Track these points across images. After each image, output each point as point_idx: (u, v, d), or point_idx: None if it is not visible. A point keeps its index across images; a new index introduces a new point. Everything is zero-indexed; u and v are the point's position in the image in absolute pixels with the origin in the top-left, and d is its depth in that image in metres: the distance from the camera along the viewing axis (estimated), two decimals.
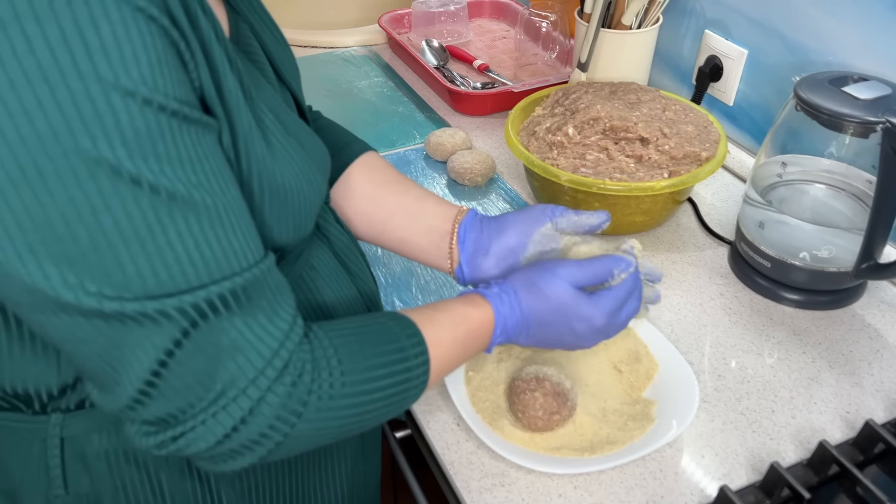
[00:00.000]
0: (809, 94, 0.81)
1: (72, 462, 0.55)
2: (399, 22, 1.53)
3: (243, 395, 0.46)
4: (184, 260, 0.43)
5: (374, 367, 0.54)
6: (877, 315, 0.88)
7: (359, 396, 0.52)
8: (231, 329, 0.46)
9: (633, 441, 0.71)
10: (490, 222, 0.73)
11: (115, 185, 0.40)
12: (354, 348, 0.53)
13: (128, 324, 0.43)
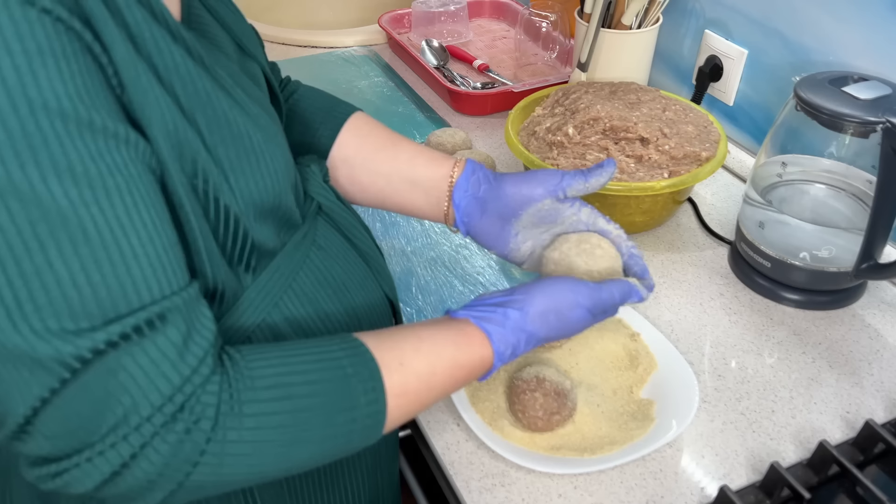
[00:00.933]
0: (809, 94, 0.81)
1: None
2: (399, 22, 1.53)
3: (124, 442, 0.43)
4: (67, 292, 0.40)
5: (303, 419, 0.48)
6: (877, 315, 0.88)
7: (277, 448, 0.48)
8: (120, 371, 0.42)
9: (633, 441, 0.71)
10: (488, 184, 0.71)
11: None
12: (282, 392, 0.48)
13: (4, 363, 0.40)
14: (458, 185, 0.72)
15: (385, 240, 0.99)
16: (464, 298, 0.89)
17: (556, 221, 0.71)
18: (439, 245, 0.98)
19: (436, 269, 0.94)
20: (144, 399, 0.43)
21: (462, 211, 0.72)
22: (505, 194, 0.70)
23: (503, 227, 0.71)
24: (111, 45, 0.42)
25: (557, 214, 0.71)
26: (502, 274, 0.93)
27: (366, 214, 1.03)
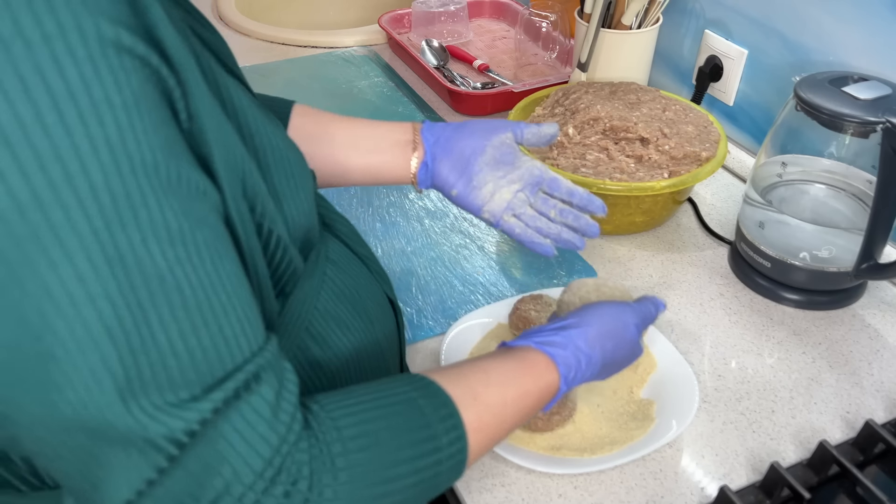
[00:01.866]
0: (809, 94, 0.81)
1: None
2: (399, 22, 1.53)
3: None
4: (168, 362, 0.37)
5: (392, 464, 0.46)
6: (877, 315, 0.88)
7: (370, 499, 0.45)
8: (220, 440, 0.39)
9: (633, 441, 0.71)
10: (450, 126, 0.77)
11: None
12: (369, 441, 0.45)
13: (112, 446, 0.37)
14: (425, 126, 0.77)
15: (385, 240, 0.99)
16: (464, 298, 0.89)
17: (514, 165, 0.75)
18: (439, 245, 0.98)
19: (436, 269, 0.94)
20: (245, 466, 0.40)
21: (430, 145, 0.75)
22: (471, 128, 0.75)
23: (467, 164, 0.74)
24: (184, 74, 0.39)
25: (515, 159, 0.75)
26: (502, 274, 0.93)
27: (366, 215, 1.03)
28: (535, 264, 0.95)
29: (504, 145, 0.75)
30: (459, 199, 0.76)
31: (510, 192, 0.75)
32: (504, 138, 0.75)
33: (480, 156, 0.74)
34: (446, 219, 1.03)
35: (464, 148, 0.74)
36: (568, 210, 0.77)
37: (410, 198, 1.07)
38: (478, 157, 0.74)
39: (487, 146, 0.74)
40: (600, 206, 0.77)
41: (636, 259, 0.96)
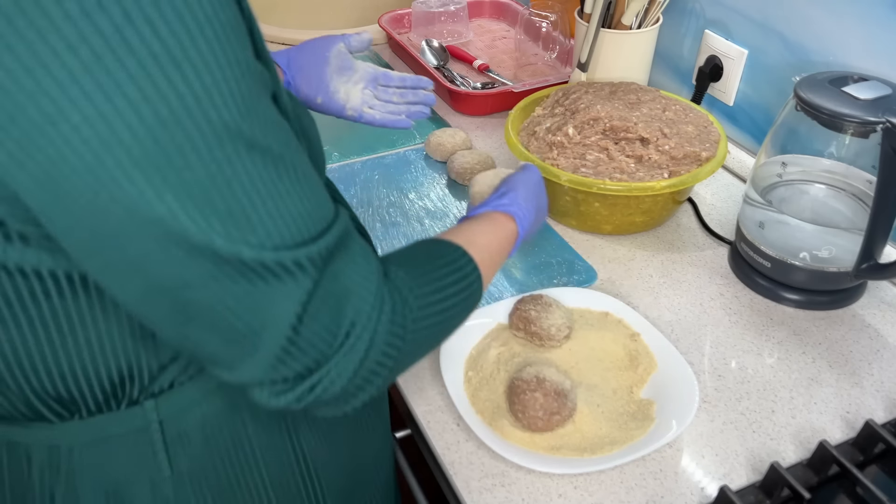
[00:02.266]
0: (809, 94, 0.81)
1: (172, 443, 0.55)
2: (399, 22, 1.53)
3: (364, 333, 0.48)
4: (298, 213, 0.45)
5: (439, 280, 0.57)
6: (877, 315, 0.88)
7: (437, 312, 0.55)
8: (341, 275, 0.47)
9: (633, 441, 0.71)
10: (292, 49, 0.89)
11: (236, 148, 0.41)
12: (420, 271, 0.56)
13: (266, 278, 0.43)
14: (273, 54, 0.83)
15: (385, 240, 0.99)
16: None
17: (353, 69, 0.90)
18: None
19: None
20: (366, 293, 0.48)
21: (286, 68, 0.87)
22: (310, 47, 0.88)
23: (320, 77, 0.87)
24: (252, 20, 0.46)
25: (352, 63, 0.90)
26: (502, 274, 0.93)
27: (366, 215, 1.03)
28: (535, 264, 0.95)
29: (342, 54, 0.88)
30: (324, 106, 0.88)
31: (359, 90, 0.89)
32: (339, 49, 0.88)
33: (327, 67, 0.87)
34: (446, 219, 1.03)
35: (313, 64, 0.87)
36: (405, 91, 0.92)
37: (410, 198, 1.07)
38: (326, 69, 0.87)
39: (330, 57, 0.88)
40: (428, 82, 0.94)
41: (636, 259, 0.96)
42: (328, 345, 0.47)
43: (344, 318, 0.47)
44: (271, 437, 0.60)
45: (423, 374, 0.80)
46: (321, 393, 0.48)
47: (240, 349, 0.45)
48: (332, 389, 0.48)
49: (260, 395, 0.48)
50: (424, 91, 0.93)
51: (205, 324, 0.44)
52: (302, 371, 0.47)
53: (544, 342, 0.80)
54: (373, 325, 0.48)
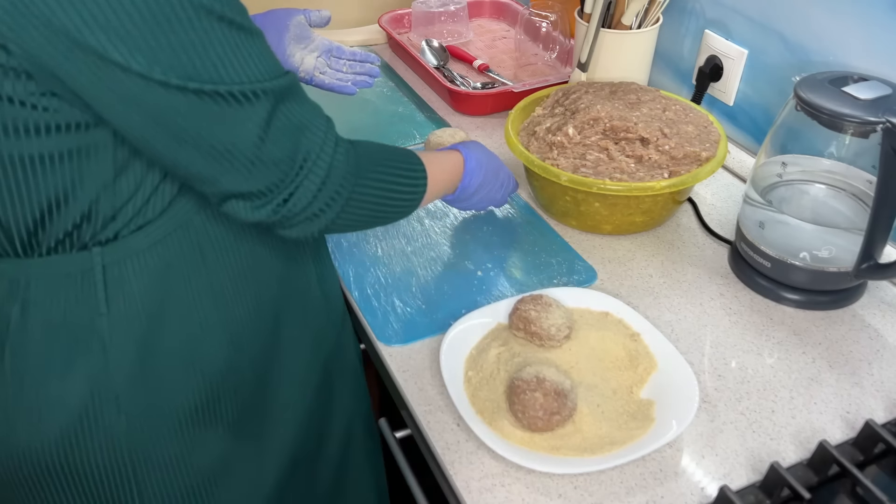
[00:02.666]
0: (809, 94, 0.81)
1: (111, 286, 0.64)
2: (399, 22, 1.53)
3: (320, 161, 0.63)
4: (256, 64, 0.58)
5: (391, 160, 0.74)
6: (877, 315, 0.88)
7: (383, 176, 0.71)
8: (297, 111, 0.62)
9: (633, 441, 0.71)
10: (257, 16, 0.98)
11: (211, 21, 0.55)
12: (377, 147, 0.73)
13: (231, 103, 0.57)
14: None
15: (385, 240, 0.99)
16: (464, 298, 0.89)
17: (311, 39, 1.02)
18: (439, 245, 0.98)
19: (436, 269, 0.94)
20: (318, 130, 0.63)
21: None
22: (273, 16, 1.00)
23: (280, 42, 0.99)
24: None
25: (310, 34, 1.02)
26: (502, 274, 0.93)
27: None
28: (535, 264, 0.95)
29: (300, 25, 1.00)
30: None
31: (313, 57, 1.03)
32: (299, 19, 1.00)
33: (286, 33, 0.99)
34: (446, 219, 1.03)
35: (273, 29, 0.99)
36: (354, 63, 1.06)
37: None
38: (285, 35, 0.99)
39: (290, 25, 0.99)
40: (375, 58, 1.07)
41: (636, 259, 0.96)
42: (290, 166, 0.61)
43: (300, 146, 0.62)
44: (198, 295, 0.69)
45: (423, 374, 0.80)
46: (291, 207, 0.63)
47: (219, 165, 0.59)
48: (298, 205, 0.63)
49: (240, 208, 0.62)
50: (371, 65, 1.07)
51: (191, 146, 0.58)
52: (271, 187, 0.61)
53: (544, 342, 0.80)
54: (328, 157, 0.63)
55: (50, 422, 0.65)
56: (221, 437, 0.73)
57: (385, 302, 0.89)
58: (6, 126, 0.56)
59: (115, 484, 0.69)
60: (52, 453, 0.66)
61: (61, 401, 0.65)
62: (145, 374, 0.66)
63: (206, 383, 0.70)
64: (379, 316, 0.87)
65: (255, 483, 0.78)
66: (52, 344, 0.64)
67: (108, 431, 0.67)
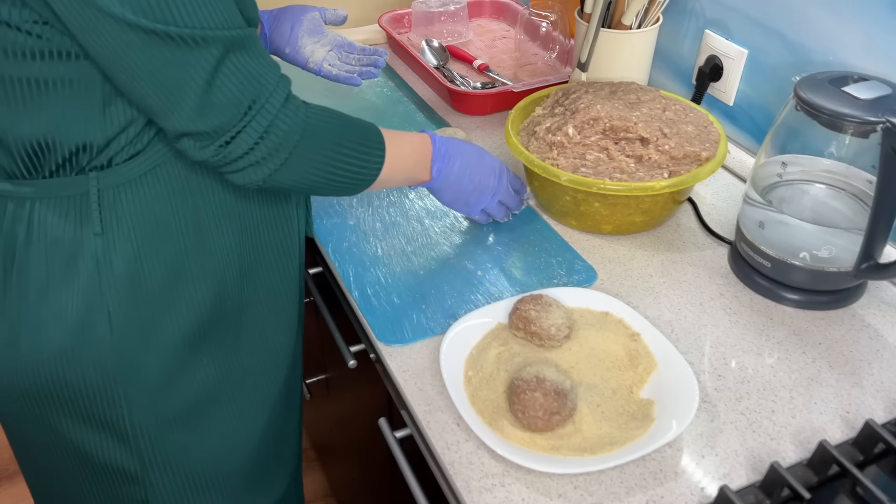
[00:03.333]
0: (809, 94, 0.81)
1: (105, 209, 0.71)
2: (399, 22, 1.53)
3: (264, 111, 0.67)
4: (213, 11, 0.62)
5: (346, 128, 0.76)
6: (877, 315, 0.88)
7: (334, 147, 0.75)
8: (248, 62, 0.66)
9: (633, 441, 0.71)
10: (272, 10, 1.08)
11: None
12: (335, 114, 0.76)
13: (181, 45, 0.61)
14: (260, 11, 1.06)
15: (385, 240, 0.99)
16: (464, 298, 0.89)
17: (324, 34, 1.08)
18: (439, 245, 0.98)
19: (436, 268, 0.94)
20: (268, 82, 0.68)
21: (265, 21, 1.07)
22: (290, 9, 1.07)
23: (292, 33, 1.06)
24: None
25: (324, 29, 1.08)
26: (502, 274, 0.93)
27: (366, 215, 1.03)
28: (535, 264, 0.95)
29: (314, 20, 1.07)
30: (290, 57, 1.07)
31: (324, 51, 1.08)
32: (314, 15, 1.07)
33: (300, 27, 1.06)
34: (446, 219, 1.03)
35: (288, 22, 1.06)
36: (362, 58, 1.11)
37: (410, 198, 1.07)
38: (298, 28, 1.06)
39: (304, 20, 1.06)
40: (384, 52, 1.12)
41: (636, 259, 0.96)
42: (236, 110, 0.66)
43: (247, 93, 0.66)
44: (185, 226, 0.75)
45: (423, 374, 0.80)
46: (231, 151, 0.67)
47: (170, 102, 0.64)
48: (238, 150, 0.67)
49: (189, 146, 0.67)
50: (378, 57, 1.12)
51: (145, 81, 0.63)
52: (217, 128, 0.66)
53: (544, 342, 0.80)
54: (273, 109, 0.68)
55: (49, 336, 0.73)
56: (208, 366, 0.81)
57: (385, 302, 0.89)
58: (6, 49, 0.62)
59: (106, 402, 0.76)
60: (50, 368, 0.74)
61: (59, 315, 0.72)
62: (134, 294, 0.73)
63: (189, 310, 0.77)
64: (379, 316, 0.87)
65: (243, 415, 0.86)
66: (53, 261, 0.71)
67: (99, 348, 0.74)
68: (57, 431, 0.79)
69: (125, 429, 0.78)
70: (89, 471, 0.82)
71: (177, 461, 0.82)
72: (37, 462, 0.86)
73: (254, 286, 0.83)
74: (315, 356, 1.34)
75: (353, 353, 0.93)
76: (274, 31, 1.07)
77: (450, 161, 0.89)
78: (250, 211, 0.80)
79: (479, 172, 0.92)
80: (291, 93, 0.71)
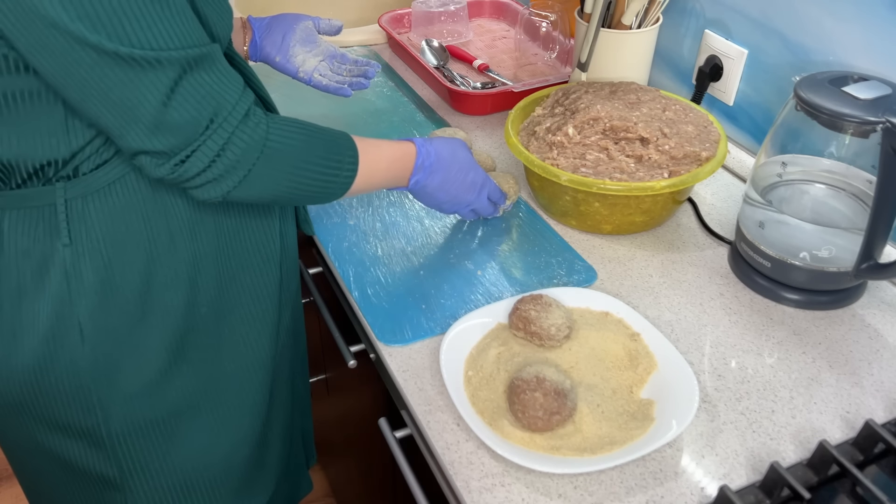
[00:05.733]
0: (809, 94, 0.81)
1: (73, 219, 0.70)
2: (399, 22, 1.53)
3: (221, 129, 0.66)
4: (168, 30, 0.61)
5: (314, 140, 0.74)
6: (877, 315, 0.88)
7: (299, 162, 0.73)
8: (207, 80, 0.65)
9: (633, 441, 0.71)
10: (265, 18, 1.08)
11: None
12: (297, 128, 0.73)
13: (135, 67, 0.60)
14: (250, 18, 1.08)
15: (385, 240, 0.99)
16: (464, 298, 0.89)
17: (317, 44, 1.08)
18: (439, 245, 0.98)
19: (436, 269, 0.94)
20: (226, 102, 0.66)
21: (256, 28, 1.07)
22: (283, 17, 1.07)
23: (283, 42, 1.06)
24: None
25: (317, 39, 1.08)
26: (502, 274, 0.93)
27: (366, 215, 1.03)
28: (535, 264, 0.95)
29: (307, 29, 1.07)
30: (280, 65, 1.07)
31: (316, 60, 1.07)
32: (307, 24, 1.07)
33: (293, 36, 1.06)
34: (446, 219, 1.03)
35: (280, 30, 1.06)
36: (355, 68, 1.11)
37: (410, 198, 1.07)
38: (290, 37, 1.06)
39: (297, 28, 1.06)
40: (376, 64, 1.12)
41: (636, 259, 0.96)
42: (193, 130, 0.64)
43: (204, 112, 0.64)
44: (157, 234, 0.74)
45: (423, 374, 0.80)
46: (186, 169, 0.66)
47: (122, 121, 0.63)
48: (192, 170, 0.66)
49: (145, 163, 0.66)
50: (368, 68, 1.12)
51: (97, 100, 0.62)
52: (173, 148, 0.65)
53: (544, 342, 0.80)
54: (230, 127, 0.66)
55: (23, 345, 0.73)
56: (187, 374, 0.80)
57: (385, 302, 0.89)
58: None
59: (81, 410, 0.76)
60: (25, 376, 0.74)
61: (32, 324, 0.72)
62: (106, 303, 0.73)
63: (165, 317, 0.76)
64: (379, 316, 0.87)
65: (224, 422, 0.86)
66: (24, 271, 0.71)
67: (72, 358, 0.73)
68: (36, 439, 0.79)
69: (102, 436, 0.78)
70: (71, 476, 0.82)
71: (156, 468, 0.82)
72: (24, 465, 0.86)
73: (233, 292, 0.83)
74: (315, 356, 1.34)
75: (353, 353, 0.93)
76: (265, 39, 1.06)
77: (430, 175, 0.88)
78: (226, 216, 0.79)
79: (459, 188, 0.92)
80: (254, 108, 0.69)
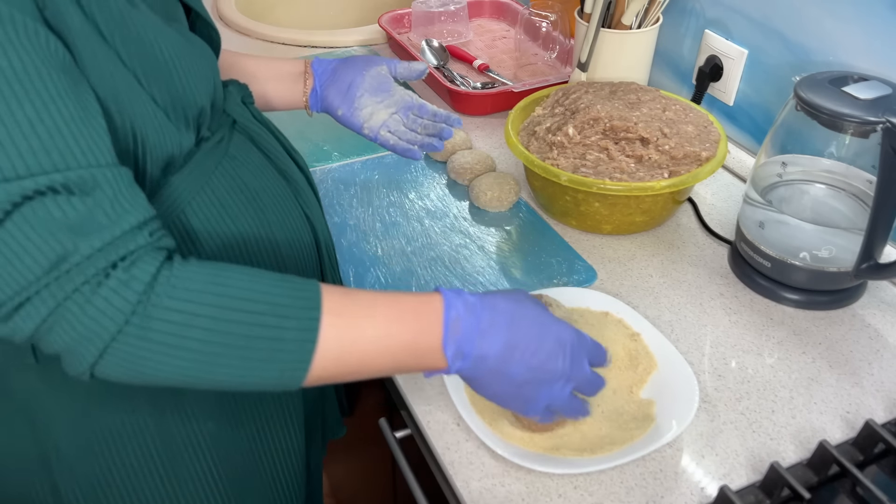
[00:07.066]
0: (809, 94, 0.81)
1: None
2: (399, 22, 1.53)
3: (57, 283, 0.49)
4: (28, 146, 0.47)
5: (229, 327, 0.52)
6: (877, 315, 0.88)
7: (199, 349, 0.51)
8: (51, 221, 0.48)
9: (633, 441, 0.71)
10: (332, 61, 0.93)
11: None
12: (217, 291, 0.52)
13: None
14: (315, 61, 0.94)
15: (385, 240, 0.99)
16: None
17: (390, 93, 0.91)
18: (439, 245, 0.98)
19: (436, 269, 0.94)
20: (76, 246, 0.48)
21: (318, 75, 0.92)
22: (352, 62, 0.92)
23: (349, 91, 0.90)
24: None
25: (391, 87, 0.91)
26: (502, 274, 0.93)
27: (366, 215, 1.03)
28: (535, 264, 0.95)
29: (380, 76, 0.91)
30: (344, 119, 0.92)
31: (387, 113, 0.91)
32: (379, 70, 0.91)
33: (361, 84, 0.90)
34: (446, 219, 1.03)
35: (346, 78, 0.91)
36: (431, 124, 0.94)
37: (410, 198, 1.07)
38: (358, 85, 0.90)
39: (366, 75, 0.90)
40: (457, 119, 0.96)
41: (636, 259, 0.96)
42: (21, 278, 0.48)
43: (40, 261, 0.48)
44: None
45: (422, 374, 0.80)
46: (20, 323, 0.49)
47: None
48: (26, 325, 0.49)
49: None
50: (445, 126, 0.95)
51: None
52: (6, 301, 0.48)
53: None
54: (76, 279, 0.48)
55: None
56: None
57: None
58: None
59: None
60: None
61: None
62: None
63: None
64: None
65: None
66: None
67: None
68: None
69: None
70: None
71: None
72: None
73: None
74: None
75: None
76: (328, 87, 0.91)
77: (480, 339, 0.58)
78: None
79: (537, 353, 0.61)
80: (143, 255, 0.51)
